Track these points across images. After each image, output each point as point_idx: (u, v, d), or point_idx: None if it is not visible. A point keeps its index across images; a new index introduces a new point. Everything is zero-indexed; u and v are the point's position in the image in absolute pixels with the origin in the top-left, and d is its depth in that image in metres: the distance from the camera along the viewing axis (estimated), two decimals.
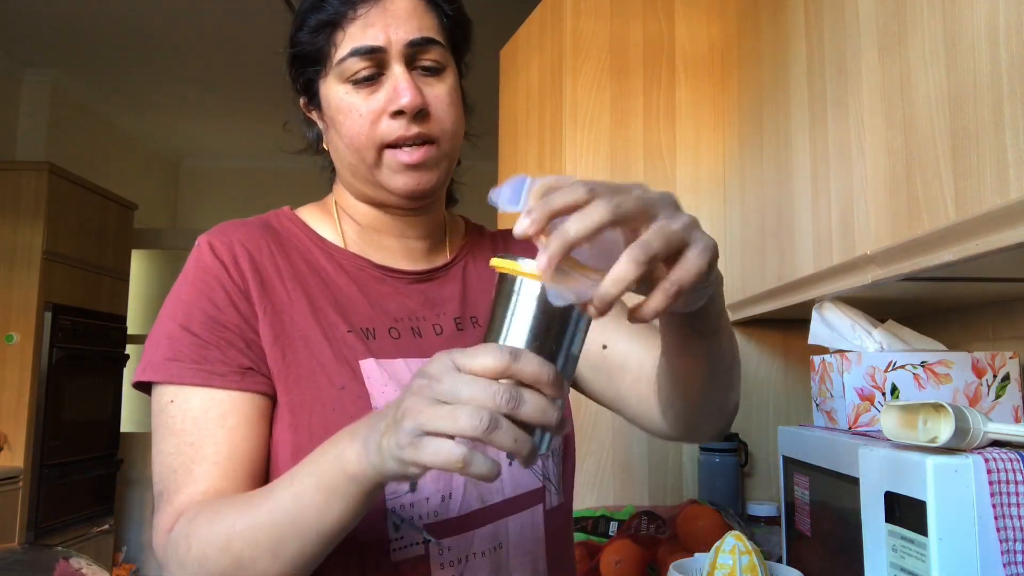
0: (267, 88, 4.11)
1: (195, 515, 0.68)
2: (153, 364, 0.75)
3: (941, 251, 0.79)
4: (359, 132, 0.78)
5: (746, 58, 1.53)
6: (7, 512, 3.22)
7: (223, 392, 0.74)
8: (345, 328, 0.79)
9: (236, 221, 0.85)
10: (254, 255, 0.80)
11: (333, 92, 0.80)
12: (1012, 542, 0.73)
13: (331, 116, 0.82)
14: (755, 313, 1.47)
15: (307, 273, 0.82)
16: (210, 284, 0.77)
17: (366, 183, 0.83)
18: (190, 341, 0.74)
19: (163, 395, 0.74)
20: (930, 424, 0.80)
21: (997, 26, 0.68)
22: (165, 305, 0.78)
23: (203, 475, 0.71)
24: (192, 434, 0.72)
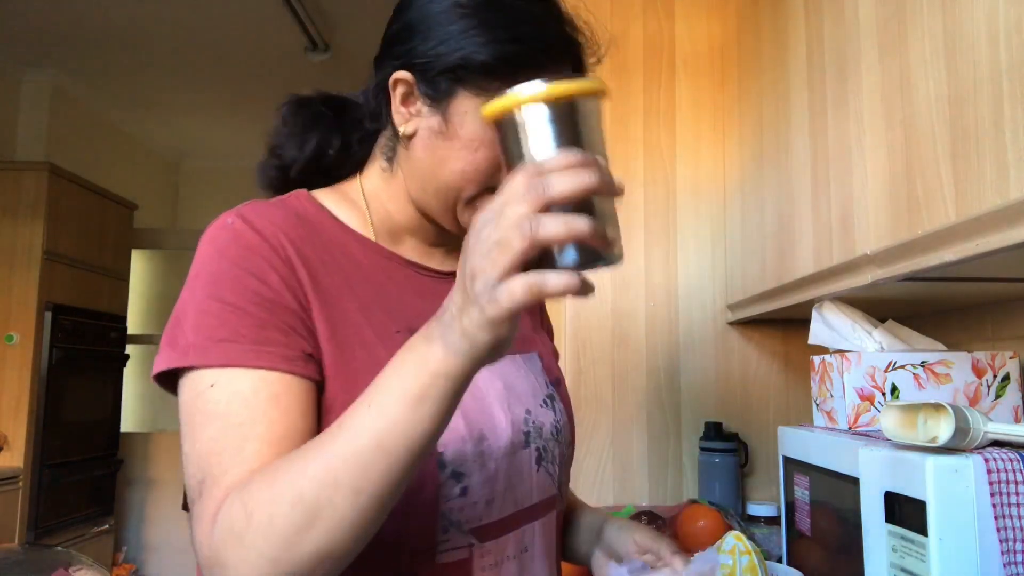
0: (267, 88, 4.11)
1: (245, 485, 0.61)
2: (199, 347, 0.66)
3: (941, 251, 0.79)
4: (480, 169, 0.75)
5: (746, 58, 1.53)
6: (7, 512, 3.22)
7: (277, 374, 0.66)
8: (394, 328, 0.76)
9: (262, 202, 0.77)
10: (296, 241, 0.73)
11: (473, 116, 0.74)
12: (1012, 542, 0.73)
13: (455, 132, 0.75)
14: (755, 313, 1.48)
15: (347, 265, 0.77)
16: (258, 264, 0.69)
17: (441, 207, 0.79)
18: (248, 322, 0.67)
19: (200, 380, 0.66)
20: (930, 424, 0.80)
21: (997, 26, 0.68)
22: (199, 283, 0.69)
23: (254, 455, 0.63)
24: (240, 415, 0.64)
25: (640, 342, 1.68)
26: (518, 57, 0.73)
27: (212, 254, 0.71)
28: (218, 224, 0.73)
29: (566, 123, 0.52)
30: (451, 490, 0.73)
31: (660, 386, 1.68)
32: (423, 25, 0.76)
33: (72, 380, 3.59)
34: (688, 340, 1.69)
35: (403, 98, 0.78)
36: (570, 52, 0.78)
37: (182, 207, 5.39)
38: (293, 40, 3.46)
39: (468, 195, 0.78)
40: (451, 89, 0.75)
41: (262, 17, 3.31)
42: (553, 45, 0.76)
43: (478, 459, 0.75)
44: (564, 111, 0.53)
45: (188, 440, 0.66)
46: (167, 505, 4.26)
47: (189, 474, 0.65)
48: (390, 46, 0.80)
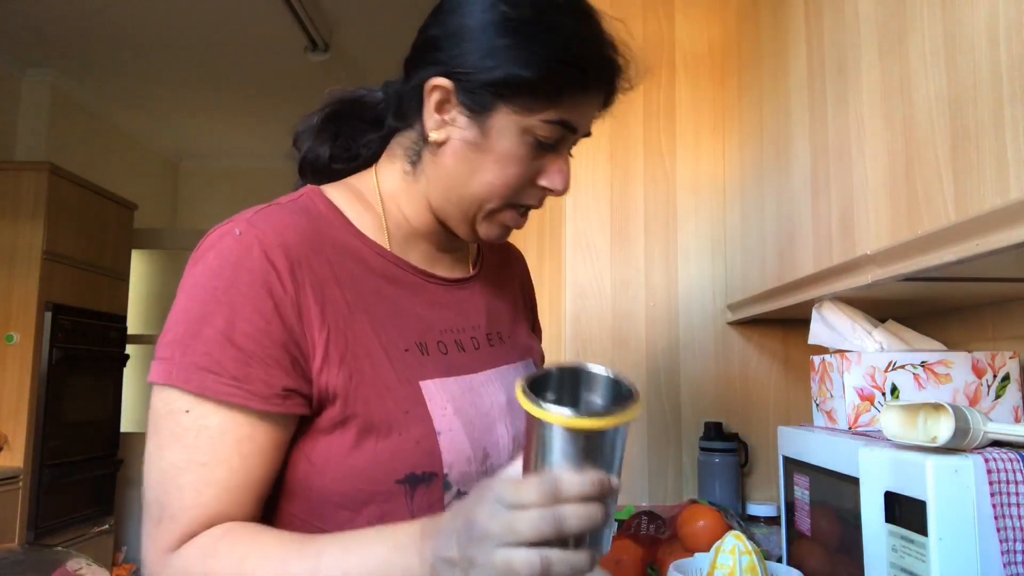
0: (267, 88, 4.12)
1: (214, 551, 0.65)
2: (184, 369, 0.67)
3: (941, 251, 0.79)
4: (509, 185, 0.77)
5: (746, 58, 1.53)
6: (7, 512, 3.22)
7: (247, 415, 0.68)
8: (403, 345, 0.76)
9: (279, 210, 0.75)
10: (311, 260, 0.73)
11: (510, 132, 0.75)
12: (1012, 542, 0.73)
13: (490, 146, 0.75)
14: (755, 313, 1.48)
15: (360, 276, 0.77)
16: (257, 290, 0.69)
17: (460, 216, 0.80)
18: (232, 355, 0.67)
19: (177, 400, 0.68)
20: (930, 424, 0.80)
21: (997, 26, 0.68)
22: (194, 299, 0.69)
23: (213, 500, 0.67)
24: (206, 454, 0.67)
25: (640, 342, 1.68)
26: (564, 78, 0.73)
27: (213, 268, 0.70)
28: (225, 231, 0.72)
29: (592, 448, 0.57)
30: None
31: (660, 386, 1.68)
32: (468, 34, 0.74)
33: (72, 380, 3.59)
34: (688, 340, 1.69)
35: (438, 104, 0.76)
36: (610, 75, 0.78)
37: (182, 207, 5.39)
38: (293, 40, 3.46)
39: (491, 208, 0.79)
40: (492, 103, 0.74)
41: (262, 17, 3.31)
42: (597, 67, 0.76)
43: (482, 477, 0.76)
44: (593, 440, 0.56)
45: (152, 449, 0.69)
46: None
47: (149, 485, 0.69)
48: (429, 50, 0.78)
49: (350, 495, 0.72)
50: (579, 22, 0.76)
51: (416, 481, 0.73)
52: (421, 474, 0.73)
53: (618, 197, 1.71)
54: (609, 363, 1.67)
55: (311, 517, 0.73)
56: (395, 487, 0.72)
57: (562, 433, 0.56)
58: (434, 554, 0.59)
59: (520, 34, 0.73)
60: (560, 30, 0.74)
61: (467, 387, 0.80)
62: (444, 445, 0.74)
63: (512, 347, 0.92)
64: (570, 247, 1.69)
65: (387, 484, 0.72)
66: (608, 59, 0.77)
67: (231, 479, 0.68)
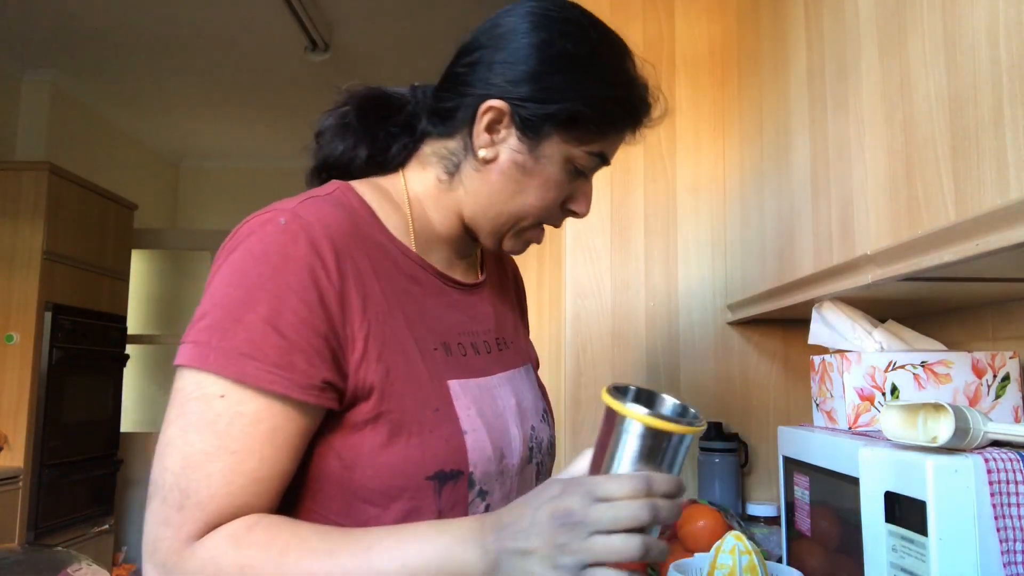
0: (267, 88, 4.11)
1: (247, 540, 0.64)
2: (223, 353, 0.66)
3: (941, 251, 0.79)
4: (546, 207, 0.82)
5: (746, 58, 1.53)
6: (7, 512, 3.21)
7: (283, 405, 0.67)
8: (432, 344, 0.78)
9: (321, 202, 0.75)
10: (353, 253, 0.73)
11: (556, 160, 0.80)
12: (1012, 542, 0.73)
13: (539, 171, 0.80)
14: (755, 313, 1.47)
15: (394, 275, 0.78)
16: (303, 280, 0.69)
17: (493, 229, 0.84)
18: (275, 342, 0.66)
19: (212, 385, 0.66)
20: (930, 424, 0.80)
21: (997, 26, 0.68)
22: (235, 285, 0.68)
23: (241, 490, 0.66)
24: (238, 441, 0.66)
25: (640, 342, 1.68)
26: (614, 115, 0.81)
27: (257, 255, 0.69)
28: (267, 218, 0.71)
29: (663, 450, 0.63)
30: (478, 508, 0.77)
31: (660, 386, 1.68)
32: (526, 65, 0.78)
33: (72, 380, 3.59)
34: (688, 340, 1.69)
35: (490, 124, 0.79)
36: (645, 115, 0.85)
37: (182, 207, 5.39)
38: (293, 40, 3.46)
39: (524, 225, 0.84)
40: (547, 132, 0.79)
41: (262, 17, 3.31)
42: (637, 107, 0.83)
43: (499, 477, 0.79)
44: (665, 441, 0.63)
45: (178, 430, 0.66)
46: None
47: (166, 466, 0.66)
48: (484, 71, 0.80)
49: (380, 491, 0.72)
50: (625, 64, 0.83)
51: (445, 478, 0.74)
52: (449, 471, 0.74)
53: (618, 197, 1.71)
54: (609, 363, 1.68)
55: (333, 514, 0.73)
56: (425, 483, 0.73)
57: (641, 431, 0.62)
58: (500, 546, 0.61)
59: (577, 71, 0.78)
60: (612, 71, 0.81)
61: (484, 389, 0.82)
62: (470, 444, 0.76)
63: (516, 352, 0.94)
64: (570, 247, 1.69)
65: (417, 480, 0.72)
66: (645, 100, 0.84)
67: (260, 469, 0.67)
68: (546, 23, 0.79)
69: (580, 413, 1.65)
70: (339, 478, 0.72)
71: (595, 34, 0.81)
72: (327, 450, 0.72)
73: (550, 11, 0.80)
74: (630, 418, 0.62)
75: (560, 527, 0.60)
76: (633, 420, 0.62)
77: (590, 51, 0.79)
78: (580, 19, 0.81)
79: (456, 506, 0.75)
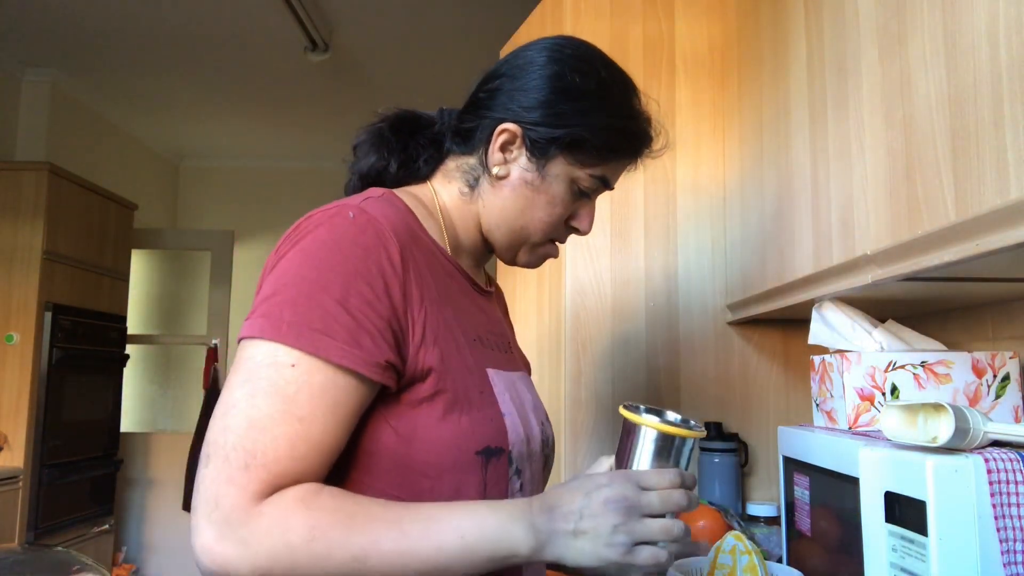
0: (267, 88, 4.11)
1: (316, 504, 0.68)
2: (296, 327, 0.71)
3: (941, 251, 0.79)
4: (552, 223, 0.92)
5: (746, 58, 1.53)
6: (7, 512, 3.22)
7: (349, 378, 0.72)
8: (472, 336, 0.87)
9: (380, 201, 0.83)
10: (411, 245, 0.81)
11: (561, 179, 0.90)
12: (1012, 542, 0.73)
13: (545, 189, 0.90)
14: (755, 313, 1.47)
15: (440, 272, 0.86)
16: (371, 267, 0.75)
17: (508, 243, 0.94)
18: (346, 321, 0.72)
19: (284, 355, 0.70)
20: (930, 424, 0.80)
21: (997, 26, 0.68)
22: (309, 267, 0.74)
23: (303, 455, 0.70)
24: (304, 409, 0.70)
25: (640, 342, 1.68)
26: (615, 144, 0.90)
27: (328, 242, 0.75)
28: (335, 211, 0.78)
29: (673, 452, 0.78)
30: (515, 484, 0.85)
31: (660, 386, 1.68)
32: (540, 94, 0.88)
33: (72, 380, 3.59)
34: (688, 340, 1.69)
35: (503, 144, 0.89)
36: (646, 145, 0.95)
37: (182, 207, 5.39)
38: (293, 40, 3.46)
39: (535, 242, 0.93)
40: (554, 154, 0.88)
41: (262, 17, 3.31)
42: (638, 138, 0.92)
43: (528, 459, 0.88)
44: (675, 444, 0.78)
45: (244, 393, 0.70)
46: (167, 505, 4.26)
47: (228, 427, 0.69)
48: (502, 97, 0.90)
49: (433, 464, 0.78)
50: (630, 98, 0.92)
51: (490, 454, 0.81)
52: (495, 448, 0.82)
53: (618, 197, 1.71)
54: (609, 363, 1.68)
55: (389, 486, 0.78)
56: (474, 458, 0.80)
57: (655, 436, 0.77)
58: (551, 527, 0.71)
59: (584, 102, 0.88)
60: (616, 104, 0.90)
61: (511, 381, 0.91)
62: (508, 425, 0.84)
63: (520, 358, 1.04)
64: (570, 247, 1.69)
65: (468, 455, 0.79)
66: (646, 133, 0.94)
67: (323, 438, 0.71)
68: (560, 58, 0.89)
69: (580, 413, 1.65)
70: (395, 452, 0.77)
71: (604, 72, 0.90)
72: (383, 425, 0.78)
73: (565, 48, 0.91)
74: (645, 426, 0.77)
75: (615, 511, 0.70)
76: (648, 428, 0.77)
77: (597, 85, 0.89)
78: (592, 57, 0.91)
79: (499, 482, 0.82)
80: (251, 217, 5.20)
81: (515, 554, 0.71)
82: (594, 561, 0.71)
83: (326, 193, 0.96)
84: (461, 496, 0.79)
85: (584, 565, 0.71)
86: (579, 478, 0.76)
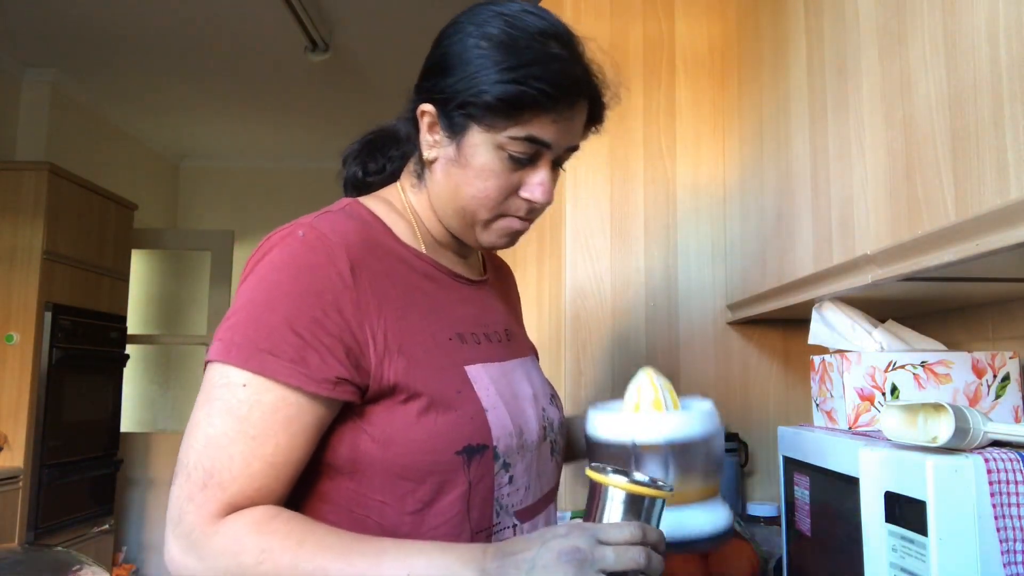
0: (267, 88, 4.11)
1: (268, 528, 0.70)
2: (243, 349, 0.73)
3: (941, 251, 0.79)
4: (490, 197, 0.85)
5: (746, 58, 1.53)
6: (7, 512, 3.21)
7: (298, 396, 0.74)
8: (447, 335, 0.85)
9: (335, 215, 0.83)
10: (367, 258, 0.80)
11: (484, 149, 0.83)
12: (1012, 542, 0.73)
13: (467, 162, 0.84)
14: (755, 313, 1.48)
15: (407, 275, 0.85)
16: (319, 285, 0.76)
17: (461, 226, 0.88)
18: (292, 341, 0.74)
19: (235, 376, 0.73)
20: (930, 424, 0.80)
21: (997, 26, 0.68)
22: (259, 290, 0.76)
23: (259, 473, 0.72)
24: (257, 427, 0.72)
25: (640, 342, 1.68)
26: (521, 99, 0.80)
27: (278, 264, 0.77)
28: (288, 232, 0.79)
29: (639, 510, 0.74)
30: (503, 478, 0.84)
31: None
32: (446, 62, 0.84)
33: (72, 380, 3.59)
34: (688, 340, 1.69)
35: (428, 127, 0.86)
36: (580, 93, 0.84)
37: (182, 207, 5.39)
38: (293, 40, 3.46)
39: (483, 219, 0.87)
40: (464, 123, 0.83)
41: (262, 17, 3.31)
42: (560, 87, 0.81)
43: (520, 451, 0.87)
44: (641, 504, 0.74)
45: (201, 418, 0.73)
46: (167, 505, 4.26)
47: (191, 446, 0.73)
48: (421, 79, 0.88)
49: (413, 467, 0.78)
50: (537, 45, 0.81)
51: (472, 452, 0.81)
52: (476, 445, 0.81)
53: (618, 197, 1.71)
54: (609, 363, 1.68)
55: (371, 490, 0.79)
56: (455, 458, 0.80)
57: (622, 497, 0.74)
58: (501, 573, 0.68)
59: (485, 59, 0.81)
60: (523, 53, 0.80)
61: (502, 372, 0.90)
62: (492, 420, 0.83)
63: (522, 343, 1.03)
64: (570, 247, 1.69)
65: (448, 455, 0.79)
66: (572, 78, 0.82)
67: (276, 455, 0.73)
68: (459, 24, 0.85)
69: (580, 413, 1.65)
70: (375, 458, 0.78)
71: (501, 24, 0.82)
72: (360, 433, 0.79)
73: (462, 15, 0.86)
74: (612, 487, 0.74)
75: (567, 563, 0.67)
76: (615, 488, 0.74)
77: (489, 42, 0.81)
78: (487, 15, 0.83)
79: (484, 478, 0.82)
80: (251, 217, 5.20)
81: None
82: None
83: (326, 193, 0.96)
84: (443, 497, 0.80)
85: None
86: (550, 527, 0.74)
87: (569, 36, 0.85)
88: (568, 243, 1.70)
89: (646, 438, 0.85)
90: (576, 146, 0.88)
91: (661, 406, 0.89)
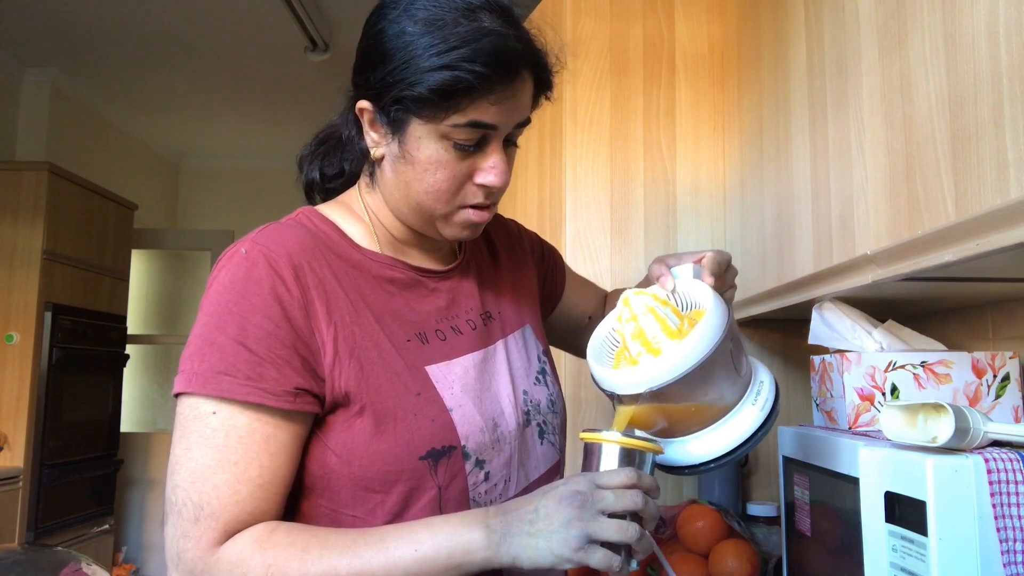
0: (267, 88, 4.12)
1: (270, 542, 0.71)
2: (201, 376, 0.73)
3: (941, 251, 0.79)
4: (443, 189, 0.80)
5: (746, 58, 1.53)
6: (7, 512, 3.21)
7: (269, 415, 0.74)
8: (404, 336, 0.83)
9: (278, 226, 0.82)
10: (313, 265, 0.79)
11: (427, 141, 0.78)
12: (1012, 542, 0.73)
13: (412, 157, 0.79)
14: (755, 313, 1.47)
15: (359, 280, 0.83)
16: (265, 298, 0.75)
17: (420, 222, 0.85)
18: (246, 357, 0.73)
19: (203, 405, 0.73)
20: (930, 424, 0.80)
21: (997, 26, 0.68)
22: (209, 314, 0.76)
23: (249, 497, 0.72)
24: (236, 452, 0.72)
25: None
26: (455, 85, 0.74)
27: (225, 284, 0.76)
28: (233, 252, 0.79)
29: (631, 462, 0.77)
30: (477, 477, 0.83)
31: None
32: (374, 53, 0.79)
33: (72, 380, 3.59)
34: None
35: (370, 124, 0.83)
36: (519, 67, 0.79)
37: (182, 207, 5.39)
38: (293, 40, 3.46)
39: (441, 212, 0.83)
40: (403, 117, 0.78)
41: (262, 17, 3.31)
42: (495, 66, 0.75)
43: (495, 445, 0.85)
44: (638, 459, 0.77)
45: (180, 453, 0.73)
46: None
47: (177, 484, 0.73)
48: (354, 73, 0.84)
49: (378, 478, 0.78)
50: (469, 24, 0.76)
51: (437, 455, 0.80)
52: (441, 448, 0.80)
53: (618, 197, 1.71)
54: None
55: (342, 506, 0.79)
56: (419, 464, 0.79)
57: (616, 451, 0.76)
58: (506, 527, 0.70)
59: (411, 48, 0.76)
60: (448, 38, 0.75)
61: (469, 366, 0.87)
62: (457, 420, 0.82)
63: (507, 321, 0.97)
64: (570, 247, 1.69)
65: (411, 462, 0.78)
66: (506, 53, 0.76)
67: (262, 476, 0.73)
68: (383, 9, 0.80)
69: (580, 413, 1.65)
70: (341, 473, 0.78)
71: (425, 3, 0.77)
72: (323, 448, 0.78)
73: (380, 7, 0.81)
74: (605, 443, 0.76)
75: (568, 505, 0.69)
76: (608, 444, 0.76)
77: (422, 25, 0.76)
78: (405, 5, 0.78)
79: (455, 479, 0.81)
80: (251, 217, 5.18)
81: (471, 556, 0.70)
82: (549, 559, 0.69)
83: None
84: (413, 504, 0.79)
85: (540, 565, 0.70)
86: (549, 484, 0.75)
87: (499, 4, 0.79)
88: (568, 243, 1.70)
89: (626, 391, 0.81)
90: (527, 120, 0.83)
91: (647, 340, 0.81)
